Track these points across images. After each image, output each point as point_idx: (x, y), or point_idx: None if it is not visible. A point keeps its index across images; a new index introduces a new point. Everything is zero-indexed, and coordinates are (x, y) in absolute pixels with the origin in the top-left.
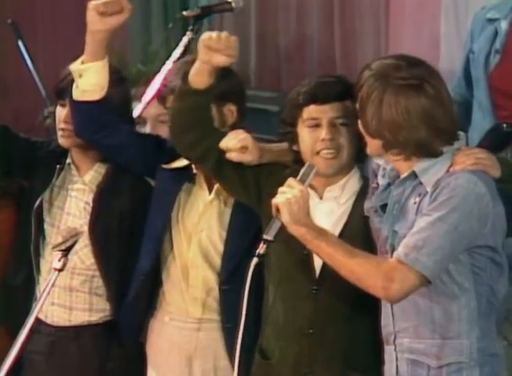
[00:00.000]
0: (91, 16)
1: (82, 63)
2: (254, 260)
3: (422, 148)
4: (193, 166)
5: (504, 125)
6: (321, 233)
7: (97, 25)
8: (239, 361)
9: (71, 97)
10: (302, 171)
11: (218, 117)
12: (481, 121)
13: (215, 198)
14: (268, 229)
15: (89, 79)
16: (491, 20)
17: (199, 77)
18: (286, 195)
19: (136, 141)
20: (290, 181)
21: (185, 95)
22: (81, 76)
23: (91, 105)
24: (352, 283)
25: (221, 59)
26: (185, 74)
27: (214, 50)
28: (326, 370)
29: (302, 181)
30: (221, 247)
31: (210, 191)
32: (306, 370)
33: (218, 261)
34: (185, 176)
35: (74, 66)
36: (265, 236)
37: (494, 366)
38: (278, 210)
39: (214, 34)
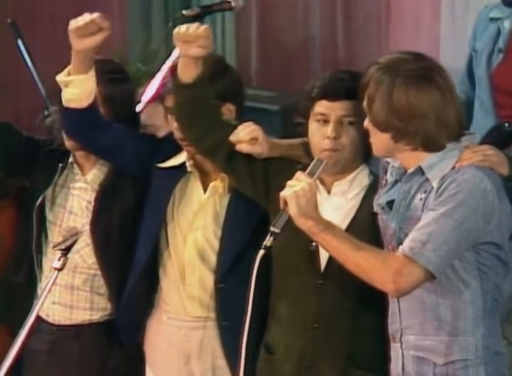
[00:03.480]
0: (71, 38)
1: (68, 73)
2: (261, 252)
3: (428, 140)
4: (188, 163)
5: (506, 124)
6: (328, 226)
7: (77, 46)
8: (243, 357)
9: (61, 103)
10: (311, 164)
11: None
12: (483, 120)
13: (210, 196)
14: (276, 222)
15: (74, 89)
16: (494, 19)
17: (185, 70)
18: (294, 188)
19: (130, 141)
20: (299, 174)
21: (178, 90)
22: (67, 86)
23: (78, 111)
24: (358, 277)
25: (195, 51)
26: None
27: (186, 42)
28: (329, 366)
29: (311, 174)
30: (216, 246)
31: (205, 189)
32: (309, 365)
33: (213, 259)
34: (179, 174)
35: (60, 77)
36: (272, 229)
37: (498, 365)
38: (286, 203)
39: (183, 26)
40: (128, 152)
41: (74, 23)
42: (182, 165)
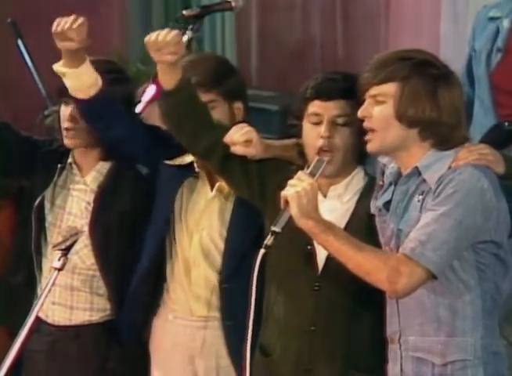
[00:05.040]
0: (54, 39)
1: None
2: (262, 251)
3: (451, 138)
4: (196, 163)
5: (506, 124)
6: (329, 226)
7: (60, 46)
8: (246, 357)
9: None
10: (312, 164)
11: (228, 115)
12: (483, 120)
13: (216, 196)
14: (277, 221)
15: (70, 82)
16: (493, 19)
17: (163, 77)
18: (295, 188)
19: (143, 131)
20: (300, 174)
21: (162, 97)
22: (64, 76)
23: (84, 101)
24: (355, 279)
25: (167, 58)
26: None
27: (158, 50)
28: (327, 368)
29: (312, 174)
30: (221, 246)
31: (212, 188)
32: (306, 367)
33: (218, 259)
34: (187, 173)
35: (56, 67)
36: (273, 228)
37: (497, 365)
38: (287, 202)
39: (153, 34)
40: (140, 141)
41: (54, 28)
42: (190, 165)
